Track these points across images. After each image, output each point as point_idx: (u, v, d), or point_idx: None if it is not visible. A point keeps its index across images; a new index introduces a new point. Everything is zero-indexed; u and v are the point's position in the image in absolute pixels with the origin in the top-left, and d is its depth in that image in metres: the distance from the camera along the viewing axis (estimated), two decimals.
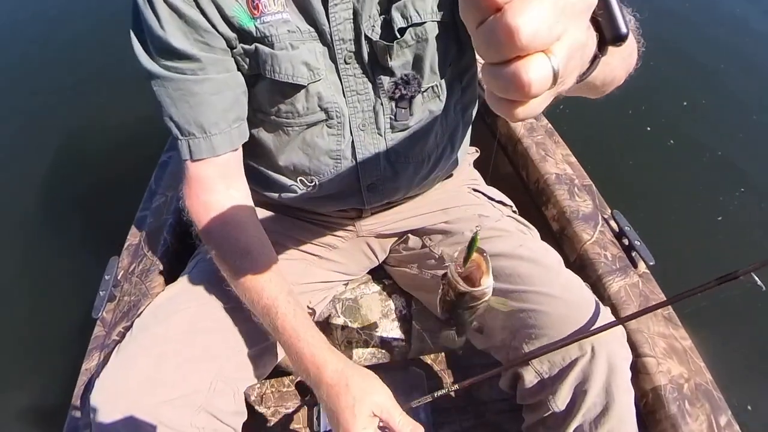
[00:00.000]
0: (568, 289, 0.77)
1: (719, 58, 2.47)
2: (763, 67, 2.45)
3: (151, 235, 1.03)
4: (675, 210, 1.84)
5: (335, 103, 0.75)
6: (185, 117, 0.70)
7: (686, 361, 0.81)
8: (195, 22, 0.67)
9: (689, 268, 1.48)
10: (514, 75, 0.26)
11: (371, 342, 1.01)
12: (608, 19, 0.33)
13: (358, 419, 0.66)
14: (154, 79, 0.69)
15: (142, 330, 0.75)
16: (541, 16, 0.25)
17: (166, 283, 0.95)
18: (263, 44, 0.70)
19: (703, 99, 2.27)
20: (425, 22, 0.71)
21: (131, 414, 0.66)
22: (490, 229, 0.89)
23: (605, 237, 0.99)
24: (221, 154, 0.73)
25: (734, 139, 2.08)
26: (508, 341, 0.79)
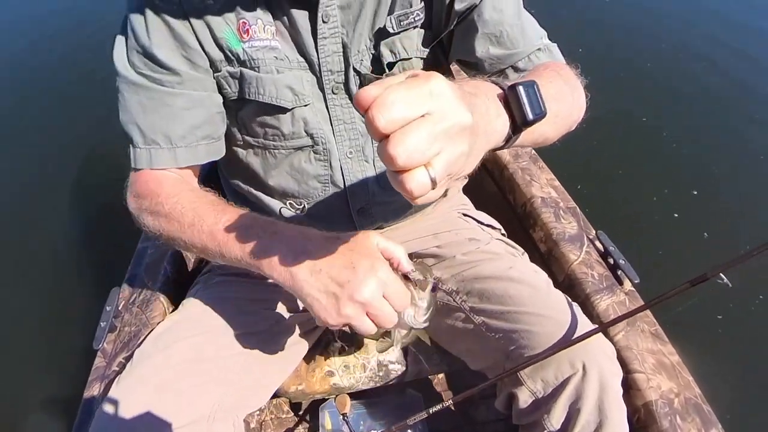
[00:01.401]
0: (558, 308, 0.77)
1: (694, 79, 2.54)
2: (740, 85, 2.51)
3: (152, 266, 1.02)
4: (655, 227, 1.86)
5: (321, 130, 0.76)
6: (152, 126, 0.69)
7: (675, 376, 0.81)
8: (183, 38, 0.67)
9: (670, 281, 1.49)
10: (400, 183, 0.36)
11: (368, 366, 1.00)
12: (517, 108, 0.39)
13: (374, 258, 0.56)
14: (127, 85, 0.69)
15: (143, 360, 0.74)
16: (415, 144, 0.33)
17: (166, 313, 0.93)
18: (249, 68, 0.71)
19: (680, 119, 2.33)
20: (411, 58, 0.74)
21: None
22: (480, 252, 0.89)
23: (591, 257, 1.00)
24: (183, 166, 0.72)
25: (713, 158, 2.13)
26: (501, 362, 0.78)
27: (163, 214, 0.68)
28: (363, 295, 0.53)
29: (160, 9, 0.66)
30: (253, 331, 0.81)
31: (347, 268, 0.54)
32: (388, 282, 0.54)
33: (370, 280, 0.53)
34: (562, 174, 1.19)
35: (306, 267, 0.56)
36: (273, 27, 0.70)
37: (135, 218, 0.73)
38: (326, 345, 1.01)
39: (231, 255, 0.62)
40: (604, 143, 2.13)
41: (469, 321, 0.83)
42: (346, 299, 0.54)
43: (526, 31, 0.73)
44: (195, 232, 0.65)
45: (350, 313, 0.54)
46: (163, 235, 0.70)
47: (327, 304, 0.55)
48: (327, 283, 0.55)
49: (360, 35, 0.72)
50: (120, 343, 0.88)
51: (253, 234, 0.61)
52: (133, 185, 0.73)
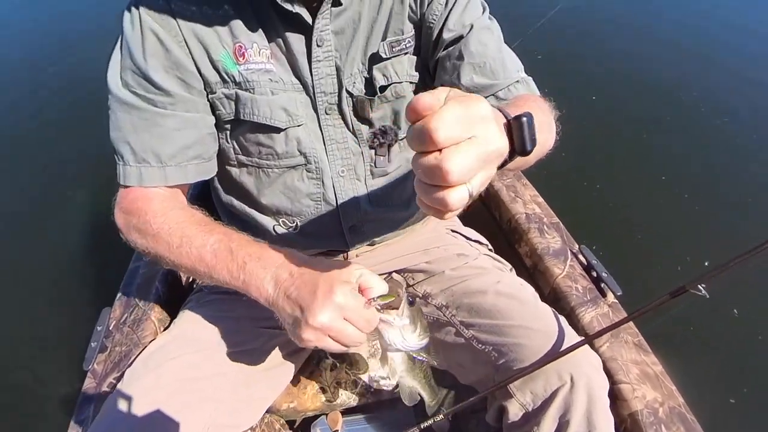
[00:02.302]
0: (545, 321, 0.77)
1: (675, 98, 2.60)
2: (720, 102, 2.58)
3: (144, 286, 1.00)
4: (635, 240, 1.89)
5: (314, 149, 0.76)
6: (143, 144, 0.69)
7: (659, 385, 0.81)
8: (180, 60, 0.68)
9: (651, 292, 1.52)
10: (443, 199, 0.37)
11: (360, 381, 0.98)
12: (519, 138, 0.42)
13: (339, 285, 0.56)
14: (120, 104, 0.69)
15: (133, 380, 0.72)
16: (469, 164, 0.36)
17: (158, 332, 0.91)
18: (244, 89, 0.71)
19: (660, 135, 2.38)
20: (402, 82, 0.76)
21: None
22: (469, 267, 0.90)
23: (575, 271, 1.01)
24: (172, 185, 0.72)
25: (690, 173, 2.18)
26: (491, 375, 0.78)
27: (151, 234, 0.67)
28: (319, 320, 0.54)
29: (156, 30, 0.66)
30: (244, 349, 0.80)
31: (310, 294, 0.56)
32: (345, 305, 0.55)
33: (326, 304, 0.54)
34: (544, 190, 1.21)
35: (281, 292, 0.59)
36: (268, 50, 0.71)
37: (122, 234, 0.72)
38: (318, 362, 1.00)
39: (219, 278, 0.64)
40: (583, 161, 2.17)
41: (459, 335, 0.83)
42: (304, 324, 0.55)
43: (506, 64, 0.75)
44: (183, 253, 0.65)
45: (310, 338, 0.56)
46: (151, 253, 0.69)
47: (292, 329, 0.58)
48: (293, 308, 0.57)
49: (353, 59, 0.74)
50: (110, 363, 0.86)
51: (239, 259, 0.62)
52: (121, 201, 0.72)
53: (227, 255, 0.63)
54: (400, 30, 0.74)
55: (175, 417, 0.68)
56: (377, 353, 1.00)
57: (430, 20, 0.74)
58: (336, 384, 0.98)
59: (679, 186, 2.10)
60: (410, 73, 0.77)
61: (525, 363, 0.72)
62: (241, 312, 0.84)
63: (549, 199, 1.18)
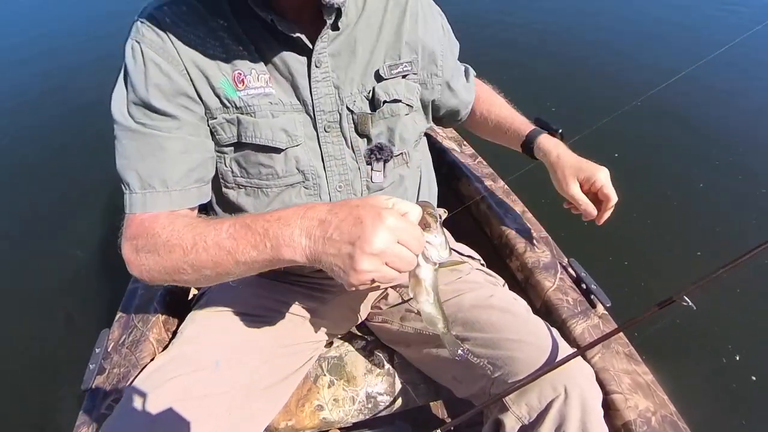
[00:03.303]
0: (538, 334, 0.77)
1: (657, 107, 2.64)
2: (702, 117, 2.63)
3: (142, 306, 0.99)
4: (622, 252, 1.91)
5: (312, 167, 0.77)
6: (149, 170, 0.68)
7: (650, 394, 0.81)
8: (181, 88, 0.68)
9: (638, 302, 1.53)
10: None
11: (357, 398, 0.97)
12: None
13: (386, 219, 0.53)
14: (125, 132, 0.68)
15: (131, 401, 0.71)
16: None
17: (156, 353, 0.90)
18: (245, 113, 0.72)
19: (642, 148, 2.42)
20: (400, 101, 0.79)
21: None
22: (462, 282, 0.90)
23: (565, 283, 1.01)
24: (176, 209, 0.71)
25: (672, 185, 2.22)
26: (487, 388, 0.77)
27: (161, 244, 0.64)
28: (376, 246, 0.51)
29: (158, 62, 0.67)
30: (243, 368, 0.79)
31: (355, 225, 0.52)
32: (399, 227, 0.52)
33: (380, 229, 0.51)
34: (532, 206, 1.22)
35: (319, 238, 0.54)
36: (267, 75, 0.72)
37: (132, 266, 0.68)
38: (315, 379, 0.99)
39: (245, 257, 0.59)
40: None
41: None
42: (360, 255, 0.51)
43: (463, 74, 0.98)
44: (200, 250, 0.61)
45: (368, 267, 0.52)
46: (167, 269, 0.64)
47: (345, 266, 0.53)
48: (340, 246, 0.53)
49: (352, 79, 0.76)
50: (109, 384, 0.85)
51: (259, 228, 0.58)
52: (127, 230, 0.70)
53: (245, 231, 0.59)
54: (398, 56, 0.79)
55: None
56: (374, 369, 0.99)
57: (439, 59, 0.85)
58: (334, 401, 0.97)
59: (663, 199, 2.13)
60: (407, 96, 0.80)
61: (519, 376, 0.72)
62: (239, 331, 0.84)
63: (537, 215, 1.19)
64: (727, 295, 1.66)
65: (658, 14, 3.83)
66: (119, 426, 0.67)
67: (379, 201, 0.55)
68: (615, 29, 3.66)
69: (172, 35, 0.68)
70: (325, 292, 0.95)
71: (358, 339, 1.05)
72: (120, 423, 0.67)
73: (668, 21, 3.69)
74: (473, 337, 0.80)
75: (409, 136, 0.82)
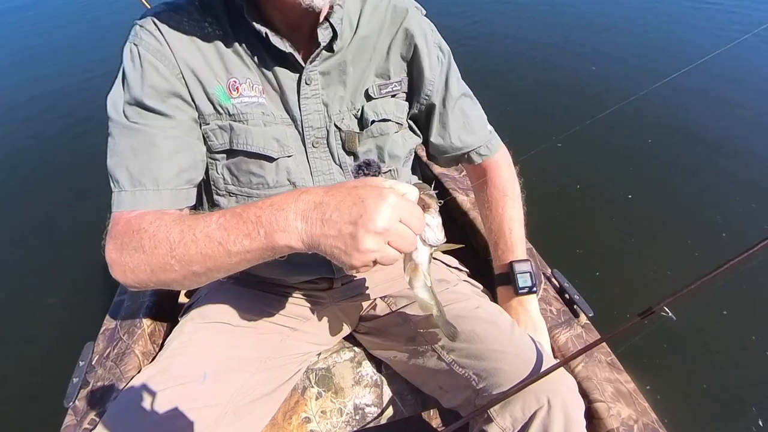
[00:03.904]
0: (522, 345, 0.77)
1: (639, 118, 2.69)
2: (688, 125, 2.68)
3: (128, 319, 0.97)
4: (604, 263, 1.93)
5: (303, 179, 0.77)
6: (141, 168, 0.66)
7: (632, 402, 0.82)
8: (177, 90, 0.68)
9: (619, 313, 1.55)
10: None
11: (345, 410, 0.96)
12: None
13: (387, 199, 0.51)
14: (119, 128, 0.67)
15: (115, 416, 0.69)
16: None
17: (141, 366, 0.88)
18: (238, 121, 0.72)
19: (624, 162, 2.46)
20: (389, 120, 0.79)
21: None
22: (449, 292, 0.90)
23: (549, 294, 1.02)
24: (165, 209, 0.67)
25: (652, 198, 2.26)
26: (472, 399, 0.77)
27: (147, 239, 0.59)
28: (379, 224, 0.49)
29: (155, 65, 0.67)
30: (230, 381, 0.78)
31: (356, 205, 0.50)
32: (400, 206, 0.51)
33: (383, 207, 0.50)
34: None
35: (316, 220, 0.52)
36: (260, 86, 0.73)
37: (114, 267, 0.63)
38: (303, 391, 0.97)
39: (238, 247, 0.55)
40: (553, 191, 2.23)
41: (441, 360, 0.82)
42: (364, 234, 0.49)
43: (482, 122, 0.93)
44: (188, 243, 0.57)
45: (371, 246, 0.50)
46: (151, 267, 0.59)
47: (347, 247, 0.51)
48: (340, 226, 0.51)
49: (341, 98, 0.76)
50: (93, 399, 0.82)
51: (251, 216, 0.55)
52: (113, 228, 0.65)
53: (237, 220, 0.55)
54: (387, 75, 0.79)
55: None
56: (362, 380, 0.98)
57: (428, 85, 0.82)
58: (321, 413, 0.95)
59: (644, 210, 2.17)
60: (396, 114, 0.81)
61: (504, 387, 0.72)
62: (226, 342, 0.82)
63: None
64: (707, 305, 1.69)
65: (645, 23, 3.93)
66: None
67: (378, 181, 0.54)
68: (601, 37, 3.74)
69: (169, 40, 0.68)
70: (313, 303, 0.94)
71: (346, 350, 1.04)
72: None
73: (653, 30, 3.79)
74: (459, 347, 0.80)
75: (399, 153, 0.82)
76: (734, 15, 3.93)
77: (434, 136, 0.88)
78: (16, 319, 1.83)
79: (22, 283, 1.98)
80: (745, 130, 2.61)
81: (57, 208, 2.36)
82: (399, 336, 0.91)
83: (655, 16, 4.01)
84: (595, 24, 3.95)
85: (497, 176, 0.94)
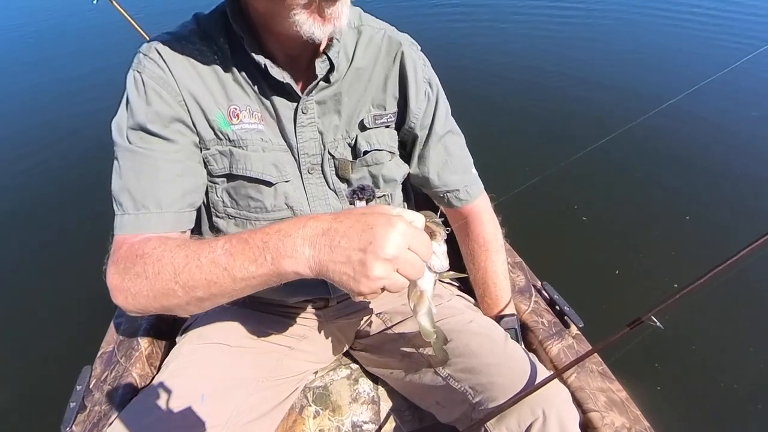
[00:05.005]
0: (516, 357, 0.77)
1: (625, 132, 2.72)
2: (674, 138, 2.71)
3: (125, 341, 0.96)
4: (592, 275, 1.94)
5: (300, 204, 0.78)
6: (144, 191, 0.65)
7: (625, 411, 0.82)
8: (180, 116, 0.69)
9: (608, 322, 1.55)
10: None
11: (343, 428, 0.94)
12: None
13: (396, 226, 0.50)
14: (123, 152, 0.67)
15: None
16: None
17: (139, 389, 0.86)
18: (238, 146, 0.73)
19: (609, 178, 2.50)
20: (383, 150, 0.80)
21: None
22: (443, 307, 0.90)
23: (540, 306, 1.02)
24: (168, 232, 0.66)
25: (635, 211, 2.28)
26: (469, 413, 0.77)
27: (151, 264, 0.58)
28: (388, 251, 0.48)
29: (159, 92, 0.68)
30: (228, 403, 0.76)
31: (365, 232, 0.49)
32: (409, 233, 0.50)
33: (392, 235, 0.49)
34: (507, 234, 1.24)
35: (324, 246, 0.50)
36: (259, 113, 0.74)
37: (116, 293, 0.61)
38: (300, 410, 0.96)
39: (243, 273, 0.53)
40: (540, 206, 2.26)
41: (437, 374, 0.82)
42: (373, 260, 0.48)
43: (465, 164, 0.90)
44: (193, 269, 0.55)
45: (381, 273, 0.49)
46: (154, 293, 0.58)
47: (356, 273, 0.49)
48: (349, 253, 0.49)
49: (336, 126, 0.77)
50: (90, 423, 0.80)
51: (257, 242, 0.53)
52: (115, 253, 0.63)
53: (243, 246, 0.54)
54: (383, 107, 0.80)
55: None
56: (359, 397, 0.97)
57: (413, 117, 0.81)
58: (319, 431, 0.94)
59: (628, 224, 2.20)
60: (389, 144, 0.81)
61: (499, 400, 0.71)
62: (226, 363, 0.81)
63: (511, 242, 1.21)
64: (694, 312, 1.70)
65: (648, 45, 4.00)
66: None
67: (386, 208, 0.53)
68: (605, 60, 3.81)
69: (172, 68, 0.69)
70: (309, 321, 0.93)
71: (343, 367, 1.03)
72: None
73: (651, 54, 3.86)
74: (454, 362, 0.80)
75: (393, 177, 0.83)
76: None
77: (413, 168, 0.87)
78: (13, 343, 1.79)
79: (19, 306, 1.94)
80: (728, 149, 2.67)
81: (53, 230, 2.33)
82: (395, 352, 0.91)
83: (636, 47, 4.09)
84: (581, 53, 4.01)
85: (479, 228, 0.92)
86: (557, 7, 4.92)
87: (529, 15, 4.79)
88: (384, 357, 0.94)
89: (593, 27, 4.39)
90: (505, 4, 5.17)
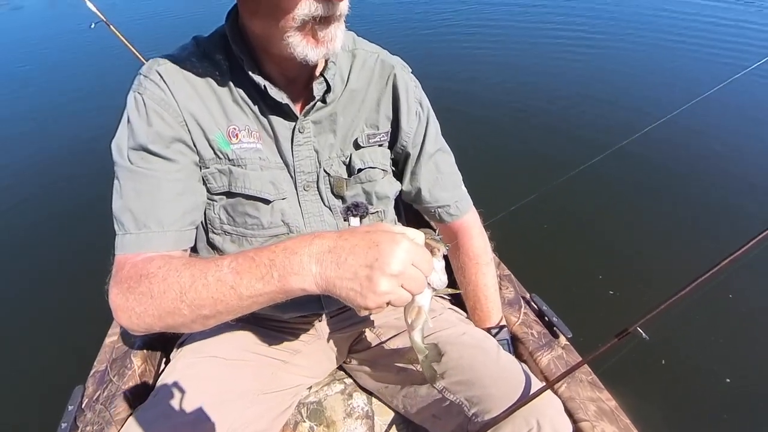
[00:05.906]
0: (509, 369, 0.77)
1: (612, 140, 2.72)
2: (661, 146, 2.75)
3: (119, 360, 0.93)
4: (580, 286, 1.95)
5: (296, 220, 0.78)
6: (146, 210, 0.65)
7: (615, 420, 0.82)
8: (180, 136, 0.69)
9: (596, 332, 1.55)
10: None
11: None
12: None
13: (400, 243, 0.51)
14: (124, 172, 0.66)
15: None
16: None
17: (131, 408, 0.84)
18: (237, 165, 0.73)
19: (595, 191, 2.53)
20: (376, 168, 0.81)
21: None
22: (437, 321, 0.91)
23: (529, 317, 1.02)
24: (171, 251, 0.66)
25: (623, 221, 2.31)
26: (464, 426, 0.76)
27: (156, 284, 0.57)
28: (394, 267, 0.49)
29: (159, 113, 0.68)
30: (223, 418, 0.75)
31: (371, 249, 0.50)
32: (413, 250, 0.51)
33: (397, 251, 0.50)
34: (496, 247, 1.25)
35: (331, 263, 0.51)
36: (258, 132, 0.74)
37: (120, 313, 0.60)
38: (295, 426, 0.94)
39: (250, 291, 0.54)
40: (528, 220, 2.28)
41: (431, 388, 0.81)
42: (380, 276, 0.49)
43: (455, 181, 0.91)
44: (199, 287, 0.55)
45: (387, 288, 0.50)
46: (159, 312, 0.57)
47: (362, 289, 0.50)
48: (356, 269, 0.50)
49: (331, 145, 0.78)
50: None
51: (264, 259, 0.54)
52: (118, 273, 0.63)
53: (250, 263, 0.54)
54: (376, 126, 0.81)
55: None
56: (353, 412, 0.95)
57: (404, 136, 0.83)
58: None
59: (613, 235, 2.22)
60: (382, 162, 0.83)
61: (494, 412, 0.71)
62: (221, 379, 0.80)
63: (500, 255, 1.22)
64: (682, 322, 1.71)
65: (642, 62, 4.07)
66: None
67: (389, 226, 0.54)
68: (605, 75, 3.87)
69: (173, 89, 0.69)
70: (303, 335, 0.92)
71: (337, 382, 1.02)
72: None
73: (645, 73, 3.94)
74: (449, 374, 0.79)
75: (386, 194, 0.84)
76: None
77: (405, 184, 0.88)
78: (4, 363, 1.73)
79: (11, 326, 1.89)
80: (717, 159, 2.72)
81: (48, 250, 2.28)
82: (389, 366, 0.90)
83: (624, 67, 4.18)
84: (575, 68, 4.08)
85: (469, 243, 0.93)
86: (549, 28, 5.04)
87: (520, 35, 4.90)
88: (378, 371, 0.93)
89: (584, 46, 4.49)
90: (497, 25, 5.29)
